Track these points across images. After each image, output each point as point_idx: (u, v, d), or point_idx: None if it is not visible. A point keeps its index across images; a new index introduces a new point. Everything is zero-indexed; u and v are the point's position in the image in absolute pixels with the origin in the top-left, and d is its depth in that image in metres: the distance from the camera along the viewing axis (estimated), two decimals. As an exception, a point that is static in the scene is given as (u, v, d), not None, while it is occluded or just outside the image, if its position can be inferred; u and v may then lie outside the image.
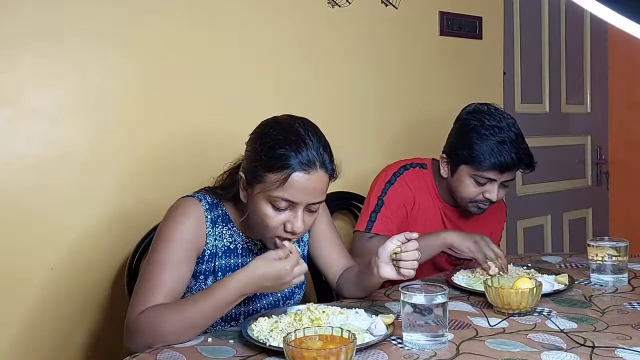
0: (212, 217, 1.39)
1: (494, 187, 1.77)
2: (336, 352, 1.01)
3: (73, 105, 1.71)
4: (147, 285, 1.28)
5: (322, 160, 1.29)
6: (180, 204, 1.39)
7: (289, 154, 1.26)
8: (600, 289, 1.56)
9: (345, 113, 2.29)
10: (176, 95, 1.88)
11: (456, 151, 1.80)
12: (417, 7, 2.48)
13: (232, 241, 1.42)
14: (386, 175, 1.89)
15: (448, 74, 2.61)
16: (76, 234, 1.72)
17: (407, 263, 1.36)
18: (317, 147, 1.30)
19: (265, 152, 1.28)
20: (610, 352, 1.12)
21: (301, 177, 1.26)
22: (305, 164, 1.27)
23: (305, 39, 2.17)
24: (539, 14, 3.11)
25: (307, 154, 1.27)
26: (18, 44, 1.62)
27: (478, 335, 1.23)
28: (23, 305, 1.65)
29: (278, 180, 1.26)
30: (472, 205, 1.82)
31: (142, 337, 1.23)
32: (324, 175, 1.30)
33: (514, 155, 1.72)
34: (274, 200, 1.28)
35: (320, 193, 1.32)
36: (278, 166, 1.26)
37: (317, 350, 1.03)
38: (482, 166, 1.73)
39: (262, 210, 1.30)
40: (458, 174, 1.80)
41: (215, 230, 1.39)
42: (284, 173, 1.26)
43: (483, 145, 1.72)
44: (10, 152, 1.62)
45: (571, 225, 3.35)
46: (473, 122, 1.77)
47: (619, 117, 3.49)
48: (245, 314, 1.44)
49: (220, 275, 1.39)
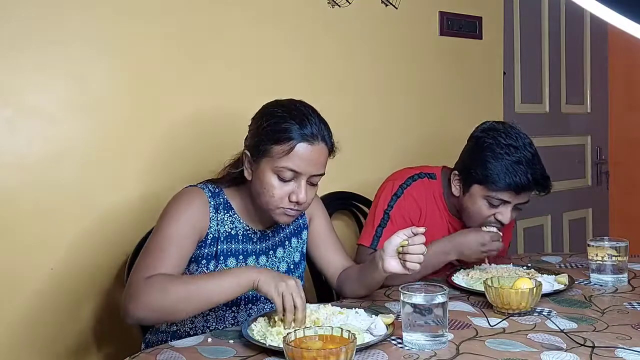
0: (215, 204, 1.44)
1: (507, 209, 1.70)
2: (336, 352, 1.01)
3: (73, 105, 1.71)
4: (154, 254, 1.34)
5: (322, 134, 1.39)
6: (185, 192, 1.46)
7: (293, 127, 1.35)
8: (600, 289, 1.56)
9: (344, 113, 2.28)
10: (176, 96, 1.88)
11: (469, 169, 1.72)
12: (417, 7, 2.48)
13: (233, 227, 1.46)
14: (393, 186, 1.84)
15: (448, 74, 2.61)
16: (76, 233, 1.72)
17: (414, 257, 1.37)
18: (318, 122, 1.39)
19: (271, 127, 1.37)
20: (610, 352, 1.12)
21: (305, 147, 1.35)
22: (309, 135, 1.36)
23: (305, 39, 2.17)
24: (539, 14, 3.11)
25: (310, 127, 1.37)
26: (18, 44, 1.62)
27: (478, 335, 1.23)
28: (23, 304, 1.65)
29: (284, 150, 1.34)
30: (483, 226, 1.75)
31: (148, 297, 1.25)
32: (324, 148, 1.40)
33: (530, 176, 1.65)
34: (280, 170, 1.35)
35: (322, 165, 1.40)
36: (283, 138, 1.35)
37: (317, 350, 1.03)
38: (496, 186, 1.66)
39: (268, 181, 1.37)
40: (470, 193, 1.73)
41: (218, 216, 1.44)
42: (289, 144, 1.34)
43: (498, 165, 1.66)
44: (10, 152, 1.62)
45: (571, 225, 3.35)
46: (488, 141, 1.71)
47: (619, 117, 3.48)
48: (245, 301, 1.47)
49: (222, 259, 1.43)
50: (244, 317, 1.46)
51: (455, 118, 2.59)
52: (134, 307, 1.26)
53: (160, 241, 1.35)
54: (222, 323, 1.45)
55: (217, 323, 1.45)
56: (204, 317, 1.45)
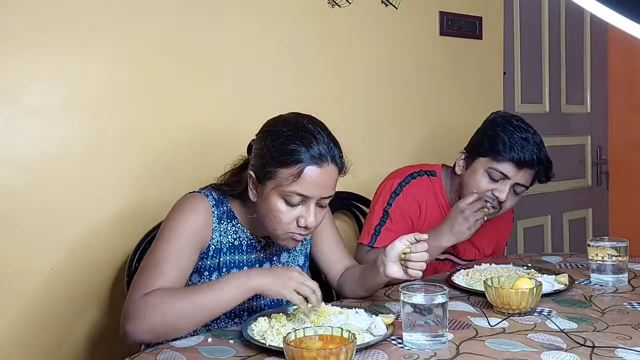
0: (219, 213, 1.39)
1: (505, 186, 1.73)
2: (336, 352, 1.01)
3: (73, 105, 1.71)
4: (150, 273, 1.28)
5: (332, 154, 1.32)
6: (188, 199, 1.39)
7: (300, 148, 1.28)
8: (600, 289, 1.56)
9: (343, 113, 2.28)
10: (177, 96, 1.88)
11: (477, 144, 1.79)
12: (417, 7, 2.48)
13: (237, 237, 1.42)
14: (392, 184, 1.85)
15: (448, 74, 2.61)
16: (76, 234, 1.72)
17: (416, 264, 1.36)
18: (327, 142, 1.32)
19: (277, 148, 1.29)
20: (610, 352, 1.12)
21: (314, 170, 1.28)
22: (318, 157, 1.29)
23: (305, 39, 2.17)
24: (539, 14, 3.11)
25: (319, 148, 1.29)
26: (18, 43, 1.62)
27: (478, 335, 1.23)
28: (23, 305, 1.65)
29: (292, 174, 1.27)
30: None
31: (144, 319, 1.21)
32: (334, 169, 1.33)
33: (534, 155, 1.70)
34: (288, 195, 1.29)
35: (332, 187, 1.34)
36: (291, 161, 1.27)
37: (317, 350, 1.03)
38: (500, 157, 1.71)
39: (275, 206, 1.31)
40: (473, 167, 1.77)
41: (221, 226, 1.40)
42: (297, 167, 1.27)
43: (505, 137, 1.71)
44: (10, 152, 1.62)
45: (571, 225, 3.35)
46: (499, 121, 1.79)
47: (619, 117, 3.48)
48: (249, 311, 1.44)
49: (225, 271, 1.39)
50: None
51: (455, 118, 2.59)
52: (132, 330, 1.22)
53: (156, 259, 1.29)
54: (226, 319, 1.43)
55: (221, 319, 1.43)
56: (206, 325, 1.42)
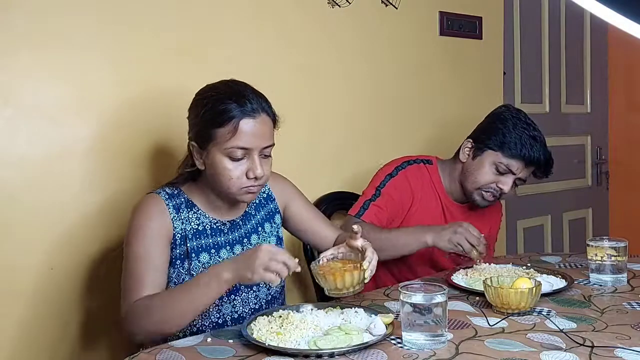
0: (174, 205, 1.45)
1: (509, 179, 1.82)
2: (356, 268, 1.29)
3: (73, 104, 1.71)
4: (130, 280, 1.37)
5: (262, 106, 1.40)
6: (141, 202, 1.46)
7: (231, 106, 1.36)
8: (600, 288, 1.56)
9: (343, 113, 2.29)
10: (176, 95, 1.88)
11: (487, 136, 1.85)
12: (417, 7, 2.48)
13: (200, 223, 1.47)
14: (389, 168, 1.92)
15: (448, 74, 2.61)
16: (76, 233, 1.72)
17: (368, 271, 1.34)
18: (255, 97, 1.40)
19: (210, 112, 1.37)
20: (610, 352, 1.12)
21: (248, 122, 1.36)
22: (250, 110, 1.37)
23: (305, 39, 2.17)
24: (539, 14, 3.11)
25: (249, 102, 1.38)
26: (18, 43, 1.62)
27: (477, 335, 1.23)
28: (23, 304, 1.65)
29: (229, 131, 1.35)
30: (477, 193, 1.85)
31: (139, 325, 1.32)
32: (268, 118, 1.41)
33: (542, 155, 1.81)
34: (230, 151, 1.36)
35: (269, 136, 1.41)
36: (225, 119, 1.35)
37: (343, 262, 1.32)
38: (511, 153, 1.80)
39: (221, 164, 1.37)
40: (481, 158, 1.85)
41: (181, 215, 1.45)
42: (233, 123, 1.35)
43: (516, 135, 1.80)
44: (10, 152, 1.62)
45: (571, 225, 3.36)
46: (509, 115, 1.85)
47: (619, 117, 3.49)
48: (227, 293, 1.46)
49: (194, 257, 1.44)
50: (228, 310, 1.46)
51: (455, 118, 2.59)
52: (132, 333, 1.35)
53: (130, 265, 1.38)
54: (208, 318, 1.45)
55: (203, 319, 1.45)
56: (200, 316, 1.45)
